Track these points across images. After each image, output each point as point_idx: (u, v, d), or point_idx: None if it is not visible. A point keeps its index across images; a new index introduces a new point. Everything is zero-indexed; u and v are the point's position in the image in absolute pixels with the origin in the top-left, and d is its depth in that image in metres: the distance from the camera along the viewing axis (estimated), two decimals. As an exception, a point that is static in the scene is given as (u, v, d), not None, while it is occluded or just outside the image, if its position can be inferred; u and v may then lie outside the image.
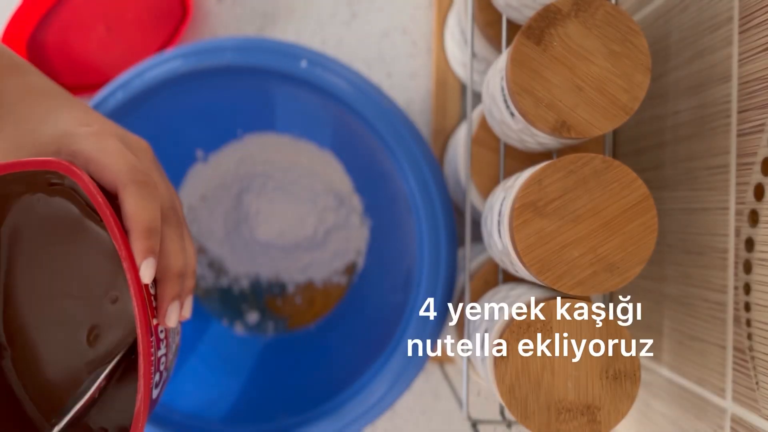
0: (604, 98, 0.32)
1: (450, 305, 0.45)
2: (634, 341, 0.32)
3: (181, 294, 0.30)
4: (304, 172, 0.57)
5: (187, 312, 0.31)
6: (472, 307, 0.42)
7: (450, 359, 0.58)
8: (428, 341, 0.44)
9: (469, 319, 0.41)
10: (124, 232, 0.28)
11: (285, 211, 0.57)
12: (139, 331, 0.27)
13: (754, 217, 0.32)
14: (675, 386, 0.39)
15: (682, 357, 0.38)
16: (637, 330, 0.44)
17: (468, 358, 0.41)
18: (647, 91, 0.32)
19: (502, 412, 0.41)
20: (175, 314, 0.29)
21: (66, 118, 0.31)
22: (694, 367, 0.37)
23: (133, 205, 0.28)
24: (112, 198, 0.30)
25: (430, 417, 0.62)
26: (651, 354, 0.42)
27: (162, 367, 0.30)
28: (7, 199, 0.31)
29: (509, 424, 0.40)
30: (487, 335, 0.35)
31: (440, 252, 0.44)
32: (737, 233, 0.33)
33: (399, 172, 0.45)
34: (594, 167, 0.31)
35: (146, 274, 0.27)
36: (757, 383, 0.31)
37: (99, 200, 0.28)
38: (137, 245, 0.27)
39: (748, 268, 0.32)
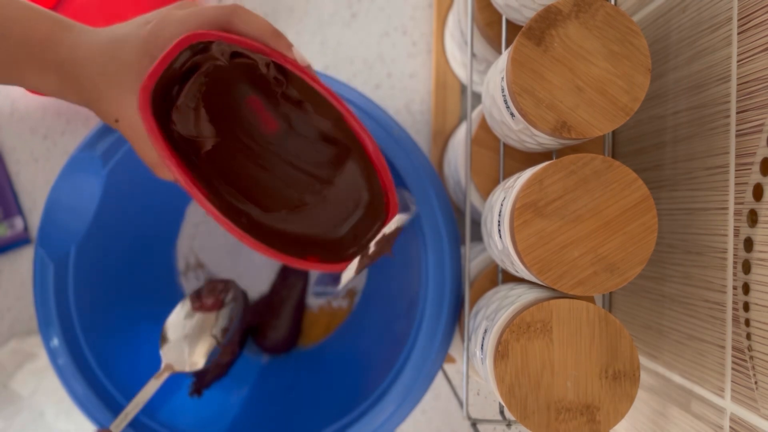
0: (604, 99, 0.32)
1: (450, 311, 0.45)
2: (633, 341, 0.32)
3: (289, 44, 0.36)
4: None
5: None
6: (471, 308, 0.42)
7: (450, 359, 0.58)
8: (433, 363, 0.44)
9: (469, 319, 0.41)
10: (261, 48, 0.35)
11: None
12: (311, 80, 0.35)
13: (753, 217, 0.32)
14: (674, 386, 0.39)
15: (682, 357, 0.38)
16: (637, 330, 0.44)
17: (468, 357, 0.41)
18: (646, 91, 0.32)
19: (501, 412, 0.41)
20: (298, 53, 0.35)
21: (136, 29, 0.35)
22: (693, 366, 0.37)
23: (249, 26, 0.34)
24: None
25: (430, 416, 0.63)
26: (651, 354, 0.42)
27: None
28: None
29: (509, 424, 0.41)
30: (487, 335, 0.35)
31: (445, 274, 0.43)
32: (736, 233, 0.33)
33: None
34: (594, 167, 0.31)
35: (300, 57, 0.34)
36: (756, 383, 0.31)
37: (246, 41, 0.34)
38: (279, 45, 0.34)
39: (747, 268, 0.32)
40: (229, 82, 0.36)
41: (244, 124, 0.38)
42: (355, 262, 0.39)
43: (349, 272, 0.39)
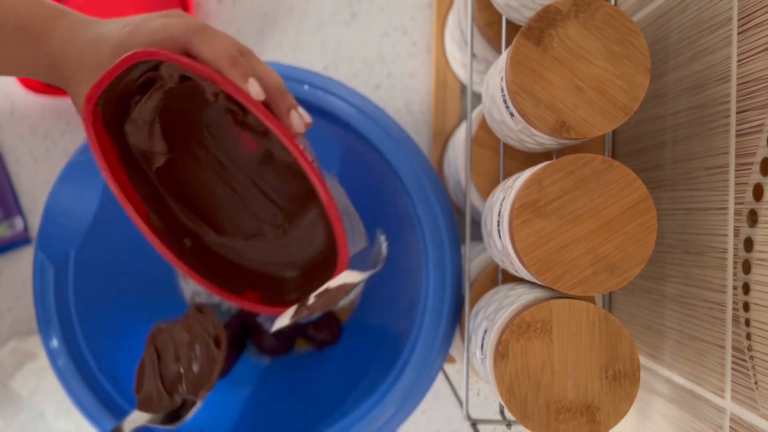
0: (603, 99, 0.32)
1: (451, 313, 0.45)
2: (633, 341, 0.32)
3: (291, 105, 0.32)
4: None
5: (306, 117, 0.33)
6: (471, 308, 0.42)
7: (450, 359, 0.58)
8: (434, 364, 0.44)
9: (469, 320, 0.41)
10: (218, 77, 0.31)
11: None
12: (285, 140, 0.31)
13: (753, 217, 0.32)
14: (674, 386, 0.39)
15: (682, 357, 0.38)
16: (636, 330, 0.44)
17: (468, 357, 0.41)
18: (646, 91, 0.32)
19: (501, 412, 0.41)
20: (297, 119, 0.32)
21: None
22: (694, 366, 0.37)
23: (206, 47, 0.31)
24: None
25: (430, 416, 0.62)
26: (651, 354, 0.42)
27: (316, 166, 0.34)
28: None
29: (509, 424, 0.40)
30: (487, 335, 0.35)
31: (446, 274, 0.43)
32: (736, 233, 0.33)
33: (404, 196, 0.44)
34: (594, 168, 0.31)
35: (255, 90, 0.30)
36: (756, 383, 0.31)
37: (195, 65, 0.30)
38: (234, 74, 0.30)
39: (747, 268, 0.32)
40: (192, 100, 0.35)
41: (207, 142, 0.37)
42: (292, 309, 0.36)
43: (284, 319, 0.36)
